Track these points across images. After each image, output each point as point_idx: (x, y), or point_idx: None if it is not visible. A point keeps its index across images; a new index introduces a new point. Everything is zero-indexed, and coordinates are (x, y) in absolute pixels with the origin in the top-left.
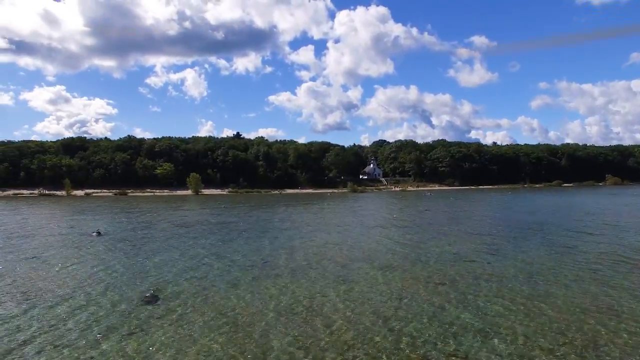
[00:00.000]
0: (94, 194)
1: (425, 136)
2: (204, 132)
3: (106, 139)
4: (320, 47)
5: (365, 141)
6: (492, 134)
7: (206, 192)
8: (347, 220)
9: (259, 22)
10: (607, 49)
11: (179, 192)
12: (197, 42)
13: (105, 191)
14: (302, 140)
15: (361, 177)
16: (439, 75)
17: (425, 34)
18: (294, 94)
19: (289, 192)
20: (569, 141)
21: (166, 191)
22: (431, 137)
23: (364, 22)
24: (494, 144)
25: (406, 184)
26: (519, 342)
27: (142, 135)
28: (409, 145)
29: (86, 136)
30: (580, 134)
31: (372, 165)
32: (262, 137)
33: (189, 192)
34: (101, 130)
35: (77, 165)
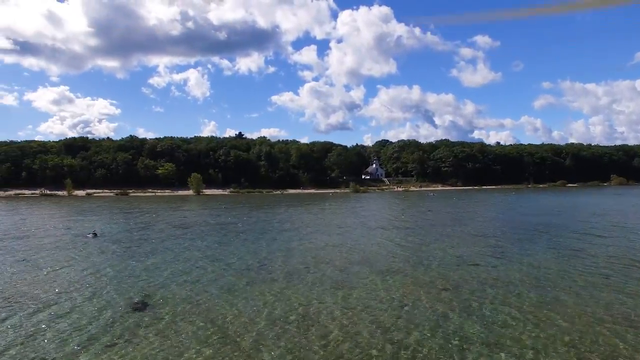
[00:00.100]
0: (95, 194)
1: (428, 136)
2: (207, 132)
3: (108, 139)
4: (322, 47)
5: (367, 141)
6: (496, 134)
7: (208, 192)
8: (348, 221)
9: (262, 22)
10: (610, 48)
11: (180, 193)
12: (200, 42)
13: (106, 191)
14: (305, 140)
15: (364, 177)
16: (442, 75)
17: (428, 33)
18: (297, 94)
19: (291, 192)
20: (572, 141)
21: (167, 191)
22: (434, 137)
23: (366, 22)
24: (497, 143)
25: (409, 184)
26: (528, 358)
27: (145, 135)
28: (411, 145)
29: (89, 136)
30: (584, 134)
31: (374, 165)
32: (264, 137)
33: (191, 192)
34: (104, 130)
35: (78, 165)
